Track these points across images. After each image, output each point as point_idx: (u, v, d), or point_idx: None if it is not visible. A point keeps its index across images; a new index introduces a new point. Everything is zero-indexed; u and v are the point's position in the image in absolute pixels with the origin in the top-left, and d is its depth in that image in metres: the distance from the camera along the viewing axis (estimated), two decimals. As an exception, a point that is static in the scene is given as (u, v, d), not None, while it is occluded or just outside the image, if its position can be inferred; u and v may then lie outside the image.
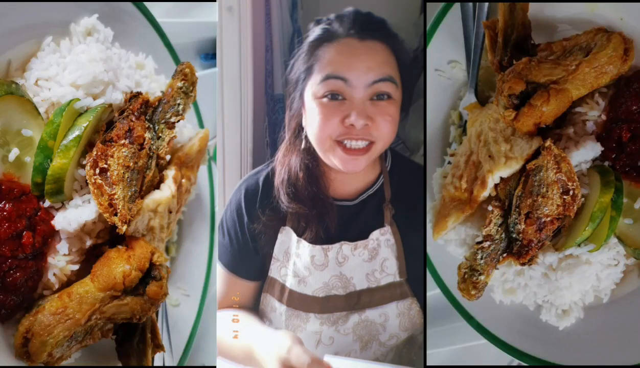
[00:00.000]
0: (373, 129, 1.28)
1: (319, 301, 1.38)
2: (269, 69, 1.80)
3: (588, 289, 1.23)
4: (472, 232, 1.23)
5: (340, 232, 1.38)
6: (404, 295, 1.37)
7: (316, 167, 1.38)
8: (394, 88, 1.29)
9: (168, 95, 1.23)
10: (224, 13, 1.65)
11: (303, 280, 1.38)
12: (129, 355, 1.18)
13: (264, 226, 1.40)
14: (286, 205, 1.37)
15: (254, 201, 1.42)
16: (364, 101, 1.28)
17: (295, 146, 1.39)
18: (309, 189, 1.36)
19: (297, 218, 1.39)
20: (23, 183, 1.09)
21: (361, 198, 1.40)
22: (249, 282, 1.44)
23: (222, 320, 1.41)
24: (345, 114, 1.27)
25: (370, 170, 1.41)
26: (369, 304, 1.37)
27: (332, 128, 1.28)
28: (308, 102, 1.33)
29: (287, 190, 1.37)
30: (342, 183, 1.40)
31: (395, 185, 1.41)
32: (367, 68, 1.27)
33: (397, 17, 1.51)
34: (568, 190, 1.11)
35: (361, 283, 1.37)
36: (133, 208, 1.10)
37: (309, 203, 1.37)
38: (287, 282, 1.40)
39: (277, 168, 1.41)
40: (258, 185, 1.43)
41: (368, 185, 1.41)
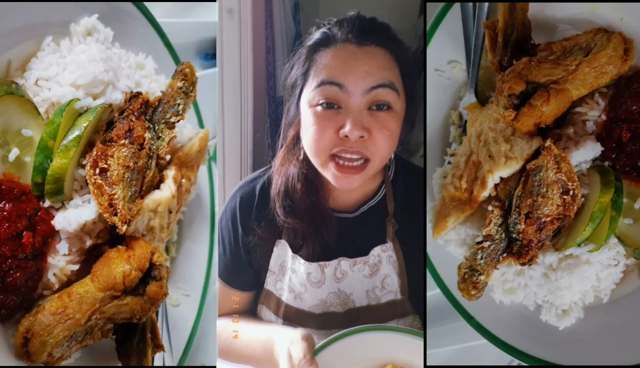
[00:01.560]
0: (369, 144, 1.20)
1: (316, 317, 1.34)
2: (271, 70, 1.80)
3: (588, 289, 1.23)
4: (472, 232, 1.23)
5: (339, 247, 1.33)
6: (405, 313, 1.33)
7: (315, 177, 1.30)
8: (394, 96, 1.22)
9: (168, 95, 1.23)
10: (224, 15, 1.65)
11: (299, 296, 1.34)
12: (129, 355, 1.18)
13: (259, 239, 1.35)
14: (282, 219, 1.31)
15: (249, 211, 1.36)
16: (361, 110, 1.20)
17: (294, 155, 1.32)
18: (307, 201, 1.30)
19: (294, 233, 1.32)
20: (23, 183, 1.09)
21: (362, 210, 1.34)
22: (243, 292, 1.42)
23: (221, 326, 1.39)
24: (340, 124, 1.20)
25: (371, 180, 1.34)
26: (369, 322, 1.29)
27: (326, 140, 1.21)
28: (304, 110, 1.26)
29: (283, 203, 1.30)
30: (342, 194, 1.34)
31: (399, 197, 1.34)
32: (364, 73, 1.20)
33: (397, 19, 1.48)
34: (568, 190, 1.11)
35: (361, 300, 1.33)
36: (133, 208, 1.10)
37: (306, 217, 1.30)
38: (283, 296, 1.36)
39: (274, 177, 1.35)
40: (254, 194, 1.37)
41: (369, 195, 1.35)
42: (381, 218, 1.34)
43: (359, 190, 1.33)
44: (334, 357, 1.21)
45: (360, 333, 1.22)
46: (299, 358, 1.17)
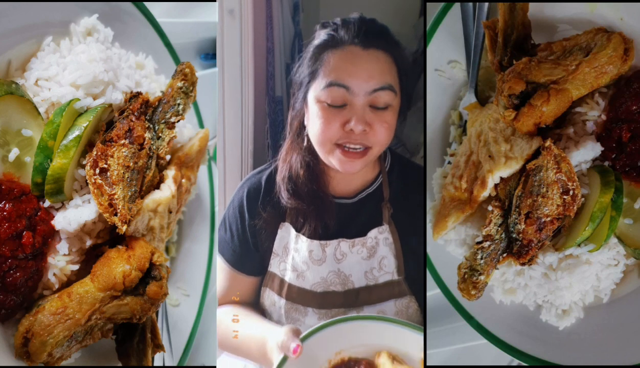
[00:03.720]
0: (371, 135, 1.34)
1: (317, 296, 1.40)
2: (271, 71, 1.81)
3: (588, 289, 1.23)
4: (472, 232, 1.23)
5: (338, 229, 1.42)
6: (402, 293, 1.39)
7: (317, 165, 1.43)
8: (392, 96, 1.34)
9: (168, 95, 1.23)
10: (225, 15, 1.66)
11: (301, 274, 1.41)
12: (129, 355, 1.18)
13: (264, 222, 1.45)
14: (286, 200, 1.42)
15: (256, 199, 1.46)
16: (364, 108, 1.33)
17: (298, 145, 1.44)
18: (309, 186, 1.42)
19: (296, 214, 1.43)
20: (23, 183, 1.09)
21: (360, 197, 1.45)
22: (249, 277, 1.47)
23: (222, 315, 1.43)
24: (345, 119, 1.33)
25: (369, 170, 1.45)
26: (367, 301, 1.39)
27: (332, 132, 1.34)
28: (311, 104, 1.38)
29: (287, 186, 1.42)
30: (342, 181, 1.45)
31: (394, 184, 1.45)
32: (368, 76, 1.33)
33: (397, 20, 1.55)
34: (568, 190, 1.11)
35: (360, 281, 1.39)
36: (133, 208, 1.10)
37: (308, 199, 1.42)
38: (286, 276, 1.43)
39: (279, 165, 1.46)
40: (260, 183, 1.48)
41: (367, 184, 1.45)
42: (378, 204, 1.43)
43: (358, 179, 1.45)
44: (327, 341, 1.27)
45: (358, 321, 1.28)
46: (282, 341, 1.25)
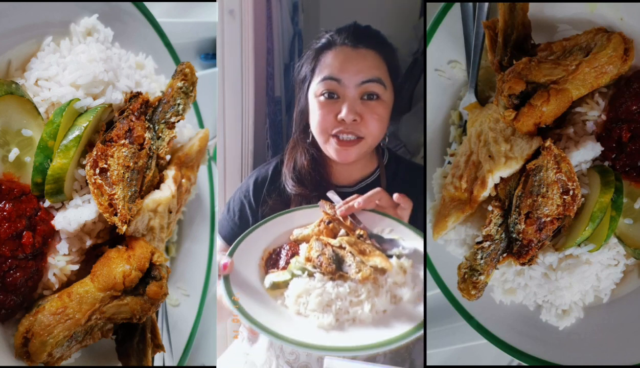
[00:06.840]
0: (362, 125, 1.49)
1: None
2: (270, 71, 1.81)
3: (588, 289, 1.23)
4: (472, 232, 1.23)
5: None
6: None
7: (320, 157, 1.59)
8: (382, 89, 1.50)
9: (168, 95, 1.23)
10: (225, 15, 1.66)
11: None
12: (129, 355, 1.17)
13: (269, 209, 1.57)
14: (291, 188, 1.58)
15: (262, 187, 1.61)
16: (355, 99, 1.49)
17: (303, 139, 1.61)
18: (312, 175, 1.58)
19: (300, 200, 1.57)
20: (23, 183, 1.09)
21: (360, 186, 1.60)
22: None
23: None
24: (338, 110, 1.49)
25: (368, 163, 1.62)
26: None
27: (327, 122, 1.50)
28: (310, 100, 1.55)
29: (292, 175, 1.58)
30: (343, 172, 1.61)
31: (390, 176, 1.61)
32: (357, 70, 1.49)
33: (397, 22, 1.69)
34: (568, 190, 1.11)
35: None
36: (133, 208, 1.10)
37: (311, 187, 1.57)
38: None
39: (286, 157, 1.63)
40: (267, 173, 1.64)
41: (366, 175, 1.61)
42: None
43: (358, 170, 1.61)
44: (253, 244, 1.37)
45: (272, 220, 1.44)
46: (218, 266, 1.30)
